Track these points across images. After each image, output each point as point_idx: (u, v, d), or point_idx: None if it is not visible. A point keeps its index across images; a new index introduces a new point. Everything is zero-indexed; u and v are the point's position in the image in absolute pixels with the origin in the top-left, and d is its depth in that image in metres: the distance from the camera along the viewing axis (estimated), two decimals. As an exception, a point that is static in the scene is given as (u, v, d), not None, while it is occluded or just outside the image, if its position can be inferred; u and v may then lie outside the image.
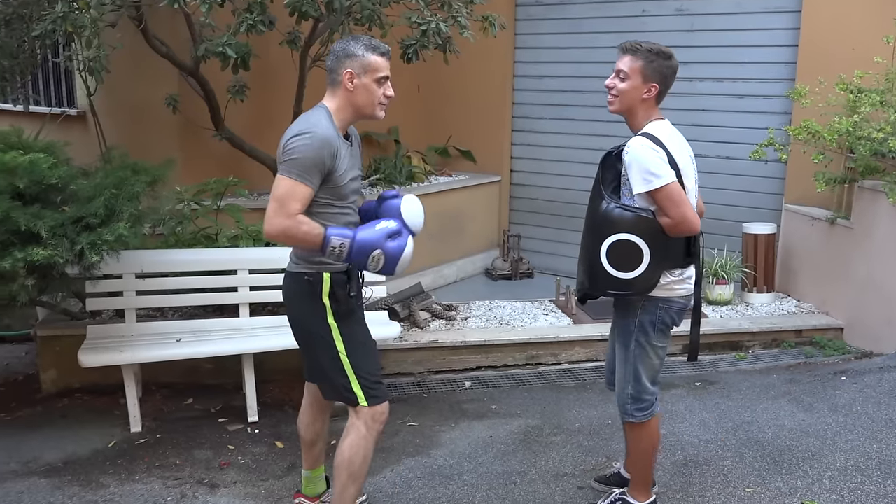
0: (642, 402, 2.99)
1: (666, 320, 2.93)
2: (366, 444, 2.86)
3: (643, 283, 2.82)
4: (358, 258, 2.69)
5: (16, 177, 3.84)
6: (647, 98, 2.88)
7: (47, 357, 4.84)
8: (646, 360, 2.96)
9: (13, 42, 5.15)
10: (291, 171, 2.66)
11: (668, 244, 2.81)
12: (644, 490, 3.13)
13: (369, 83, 2.79)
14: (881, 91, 5.15)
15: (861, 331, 5.33)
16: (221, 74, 5.17)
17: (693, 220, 2.79)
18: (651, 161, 2.76)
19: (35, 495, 3.60)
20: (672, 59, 2.88)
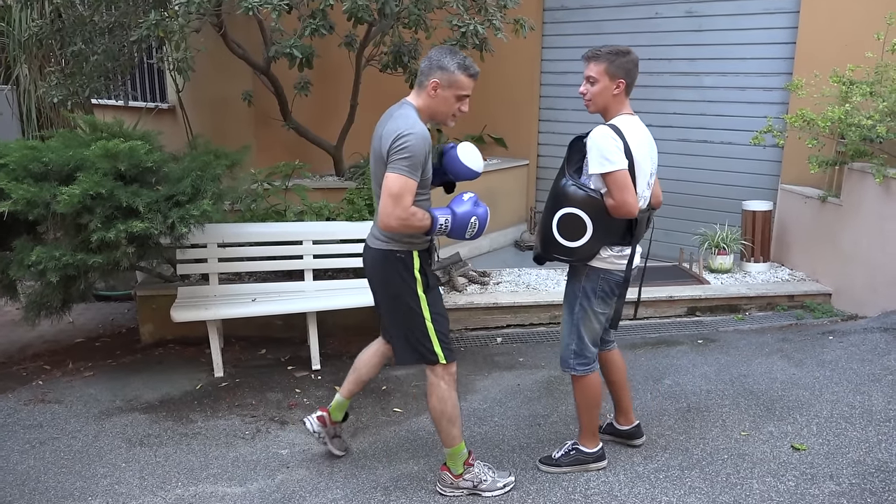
0: (583, 357, 2.99)
1: (605, 289, 2.91)
2: (449, 394, 2.89)
3: (584, 253, 2.82)
4: (458, 229, 2.73)
5: (118, 161, 3.90)
6: (618, 93, 2.83)
7: (145, 313, 4.95)
8: (587, 321, 2.95)
9: (115, 47, 5.21)
10: (403, 168, 2.60)
11: (611, 223, 2.78)
12: (592, 438, 3.11)
13: (450, 96, 2.73)
14: (871, 83, 4.98)
15: (847, 296, 5.20)
16: (289, 73, 5.17)
17: (632, 206, 2.73)
18: (607, 147, 2.72)
19: (137, 427, 3.71)
20: (630, 55, 2.83)
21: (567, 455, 3.13)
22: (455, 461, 2.95)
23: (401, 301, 2.84)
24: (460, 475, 2.95)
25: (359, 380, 3.23)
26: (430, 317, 2.85)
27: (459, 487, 2.95)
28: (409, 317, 2.84)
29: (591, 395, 3.04)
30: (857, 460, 3.06)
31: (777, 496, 2.85)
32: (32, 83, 5.75)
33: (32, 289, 4.35)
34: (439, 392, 2.88)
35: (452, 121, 2.82)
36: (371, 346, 3.23)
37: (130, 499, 3.05)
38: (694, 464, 3.13)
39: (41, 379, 4.38)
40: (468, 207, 2.76)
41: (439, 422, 2.90)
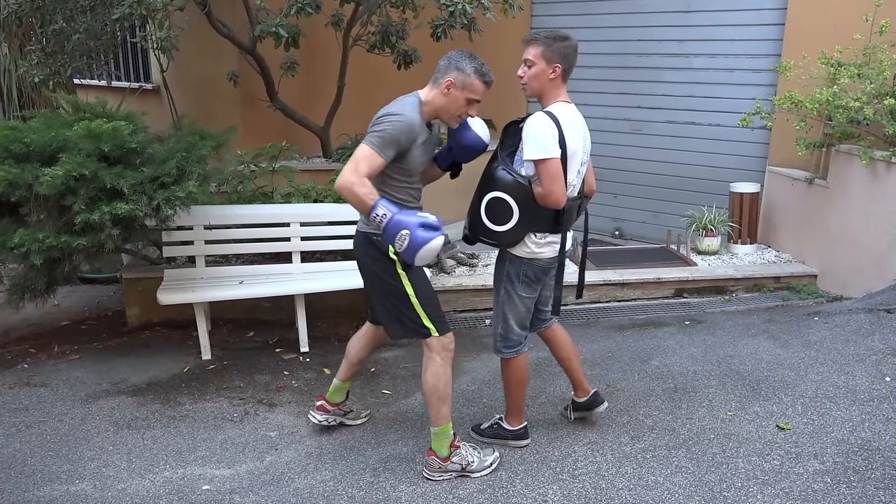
0: (509, 340, 3.03)
1: (529, 274, 2.93)
2: (444, 370, 2.90)
3: (509, 238, 2.83)
4: (390, 232, 2.64)
5: (101, 142, 3.84)
6: (554, 78, 2.81)
7: (131, 296, 4.91)
8: (511, 305, 2.98)
9: (97, 25, 5.12)
10: (374, 141, 2.66)
11: (537, 210, 2.78)
12: (516, 416, 3.16)
13: (460, 98, 2.78)
14: (859, 65, 4.99)
15: (832, 278, 5.24)
16: (275, 52, 5.12)
17: (559, 196, 2.73)
18: (543, 135, 2.71)
19: (124, 411, 3.69)
20: (568, 40, 2.81)
21: (490, 427, 3.23)
22: (441, 442, 2.96)
23: (382, 280, 2.88)
24: (447, 458, 2.96)
25: (350, 365, 3.31)
26: (414, 291, 2.86)
27: (448, 471, 2.97)
28: (392, 294, 2.88)
29: (517, 376, 3.09)
30: (841, 439, 3.10)
31: (762, 475, 2.89)
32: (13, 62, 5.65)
33: (16, 271, 4.30)
34: (434, 367, 2.90)
35: (457, 122, 2.86)
36: (360, 333, 3.29)
37: (118, 482, 3.04)
38: (680, 443, 3.16)
39: (26, 362, 4.35)
40: (408, 221, 2.60)
41: (430, 398, 2.92)
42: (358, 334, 3.30)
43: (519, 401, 3.14)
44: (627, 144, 6.94)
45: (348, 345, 3.32)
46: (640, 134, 6.85)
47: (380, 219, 2.64)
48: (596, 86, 7.00)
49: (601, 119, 7.01)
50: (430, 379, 2.90)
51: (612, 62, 6.88)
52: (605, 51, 6.91)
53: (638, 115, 6.83)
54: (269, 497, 2.90)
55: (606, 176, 7.07)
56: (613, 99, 6.92)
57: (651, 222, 6.91)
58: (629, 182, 6.96)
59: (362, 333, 3.29)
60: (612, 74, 6.89)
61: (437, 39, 4.91)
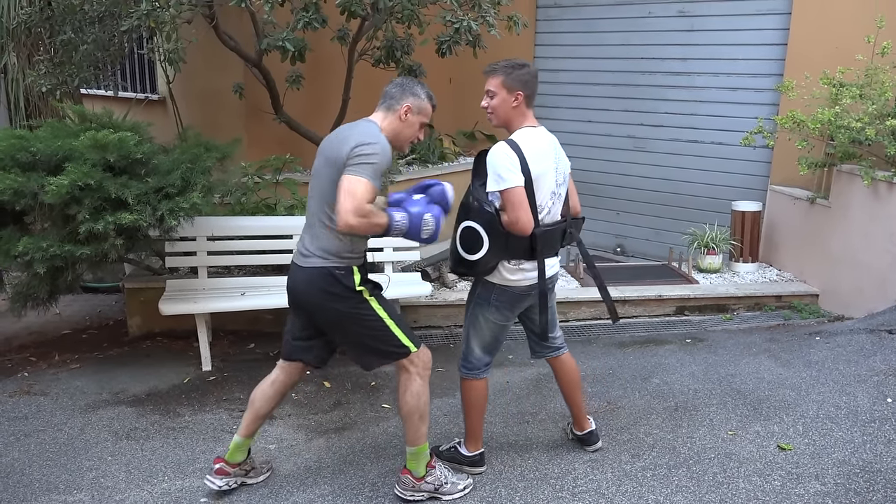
0: (468, 362, 2.99)
1: (502, 299, 2.88)
2: (424, 389, 2.85)
3: (482, 266, 2.80)
4: (415, 228, 2.70)
5: (107, 152, 3.86)
6: (517, 105, 2.79)
7: (133, 306, 4.91)
8: (477, 326, 2.94)
9: (105, 36, 5.15)
10: (366, 172, 2.59)
11: (508, 238, 2.74)
12: (472, 441, 3.07)
13: (416, 122, 2.80)
14: (861, 85, 5.01)
15: (834, 297, 5.23)
16: (281, 66, 5.14)
17: (524, 224, 2.69)
18: (501, 165, 2.68)
19: (123, 421, 3.68)
20: (526, 67, 2.81)
21: (448, 450, 3.14)
22: (418, 462, 2.88)
23: (352, 316, 2.76)
24: (422, 478, 2.89)
25: (257, 415, 2.99)
26: (387, 314, 2.80)
27: (421, 490, 2.89)
28: (363, 325, 2.78)
29: (472, 399, 3.01)
30: (843, 460, 3.08)
31: (763, 496, 2.87)
32: (21, 72, 5.67)
33: (19, 279, 4.30)
34: (414, 387, 2.82)
35: (408, 147, 2.87)
36: (272, 378, 3.00)
37: (116, 492, 3.02)
38: (681, 462, 3.14)
39: (27, 370, 4.34)
40: (420, 207, 2.74)
41: (411, 418, 2.83)
42: (268, 380, 2.99)
43: (475, 426, 3.06)
44: (630, 162, 6.95)
45: (253, 394, 2.99)
46: (643, 151, 6.87)
47: (400, 225, 2.68)
48: (599, 103, 7.03)
49: (604, 136, 7.03)
50: (411, 399, 2.83)
51: (615, 80, 6.92)
52: (608, 68, 6.95)
53: (641, 132, 6.85)
54: (267, 510, 2.88)
55: (609, 193, 7.08)
56: (616, 116, 6.94)
57: (653, 239, 6.91)
58: (631, 199, 6.97)
59: (274, 378, 2.98)
60: (616, 92, 6.92)
61: (442, 55, 4.94)
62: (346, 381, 4.18)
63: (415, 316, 5.06)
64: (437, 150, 6.94)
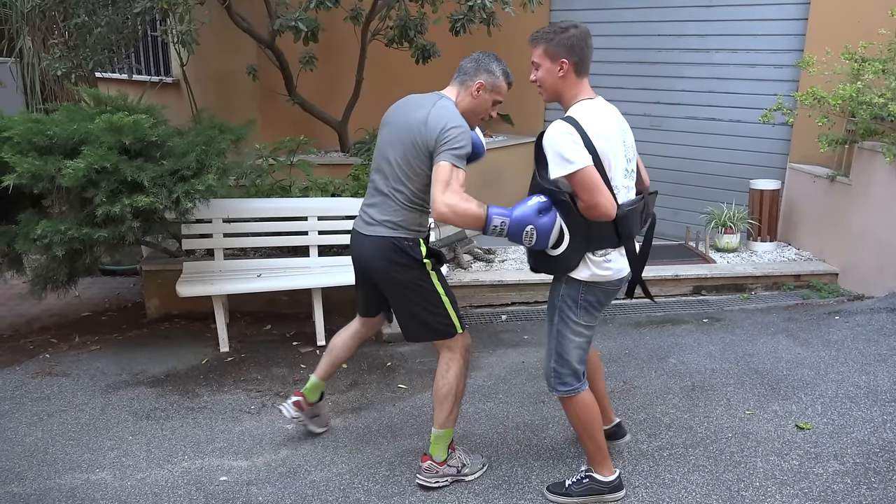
0: (562, 376, 2.66)
1: (589, 299, 2.58)
2: (464, 373, 2.88)
3: (566, 262, 2.52)
4: (514, 234, 2.50)
5: (123, 135, 3.87)
6: (563, 75, 2.50)
7: (151, 288, 4.96)
8: (567, 335, 2.62)
9: (119, 19, 5.16)
10: (455, 158, 2.56)
11: (590, 226, 2.45)
12: (602, 463, 2.73)
13: (488, 100, 2.76)
14: (883, 60, 4.90)
15: (854, 276, 5.17)
16: (294, 47, 5.13)
17: (605, 206, 2.38)
18: (564, 146, 2.38)
19: (143, 401, 3.73)
20: (570, 30, 2.48)
21: (579, 483, 2.75)
22: (442, 445, 2.87)
23: (413, 286, 2.79)
24: (444, 461, 2.87)
25: (333, 362, 3.18)
26: (444, 291, 2.84)
27: (444, 475, 2.88)
28: (422, 296, 2.80)
29: (584, 416, 2.67)
30: (862, 440, 3.06)
31: (781, 475, 2.86)
32: (36, 55, 5.70)
33: (38, 262, 4.35)
34: (457, 368, 2.83)
35: (480, 124, 2.84)
36: (348, 329, 3.17)
37: (137, 471, 3.07)
38: (698, 442, 3.14)
39: (48, 352, 4.40)
40: (527, 214, 2.47)
41: (446, 399, 2.81)
42: (345, 330, 3.16)
43: (599, 444, 2.70)
44: (647, 140, 6.86)
45: (332, 342, 3.18)
46: (660, 130, 6.78)
47: (500, 228, 2.51)
48: (615, 81, 6.94)
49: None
50: (453, 379, 2.82)
51: (631, 57, 6.82)
52: (624, 45, 6.85)
53: (658, 110, 6.76)
54: (285, 489, 2.91)
55: (624, 172, 7.01)
56: (633, 94, 6.85)
57: (670, 219, 6.84)
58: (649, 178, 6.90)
59: (351, 331, 3.15)
60: (632, 69, 6.82)
61: (456, 34, 4.90)
62: (363, 362, 4.20)
63: (430, 297, 5.07)
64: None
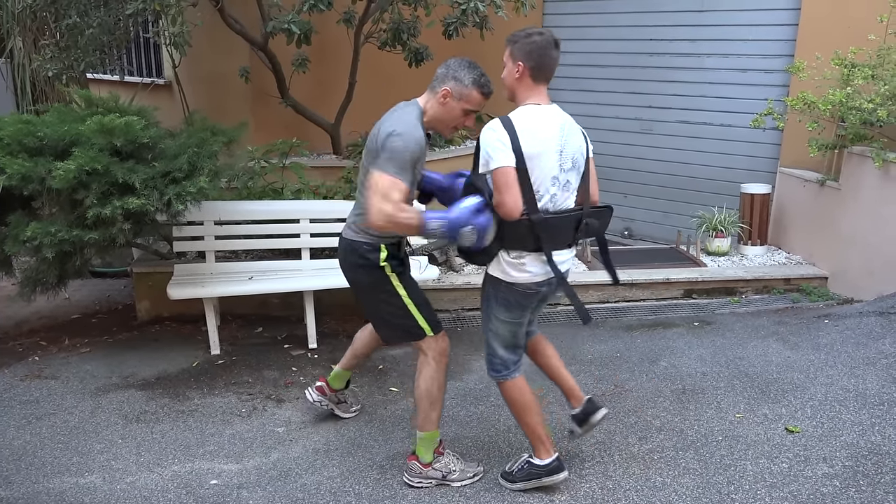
0: (493, 364, 2.82)
1: (508, 297, 2.70)
2: (438, 375, 2.84)
3: (482, 255, 2.66)
4: (452, 235, 2.56)
5: (114, 136, 3.86)
6: (519, 77, 2.59)
7: (141, 290, 4.93)
8: (492, 326, 2.78)
9: (110, 20, 5.13)
10: (390, 167, 2.56)
11: (509, 226, 2.55)
12: (541, 448, 2.82)
13: (457, 108, 2.70)
14: (873, 66, 4.94)
15: (844, 280, 5.21)
16: (286, 49, 5.12)
17: (509, 206, 2.49)
18: (489, 143, 2.52)
19: (133, 404, 3.71)
20: (533, 36, 2.58)
21: (521, 469, 2.88)
22: (427, 448, 2.89)
23: (374, 289, 2.84)
24: (429, 464, 2.90)
25: (354, 355, 3.35)
26: (407, 293, 2.83)
27: (429, 477, 2.90)
28: (384, 300, 2.83)
29: (517, 400, 2.81)
30: (851, 443, 3.08)
31: (770, 477, 2.87)
32: (27, 56, 5.67)
33: (28, 264, 4.32)
34: (428, 371, 2.84)
35: (452, 133, 2.81)
36: (368, 329, 3.29)
37: (127, 475, 3.06)
38: (688, 445, 3.15)
39: (37, 354, 4.37)
40: (464, 215, 2.55)
41: (422, 402, 2.85)
42: (366, 326, 3.29)
43: (535, 429, 2.81)
44: (638, 144, 6.91)
45: (356, 335, 3.34)
46: (651, 134, 6.82)
47: (438, 230, 2.56)
48: (607, 85, 6.97)
49: (612, 118, 6.98)
50: (423, 384, 2.83)
51: (623, 61, 6.85)
52: (616, 50, 6.88)
53: (649, 114, 6.79)
54: (276, 492, 2.90)
55: (616, 175, 7.04)
56: (624, 98, 6.89)
57: (661, 222, 6.87)
58: (639, 182, 6.93)
59: (370, 331, 3.26)
60: (624, 73, 6.86)
61: (449, 37, 4.91)
62: (354, 365, 4.19)
63: (422, 300, 5.06)
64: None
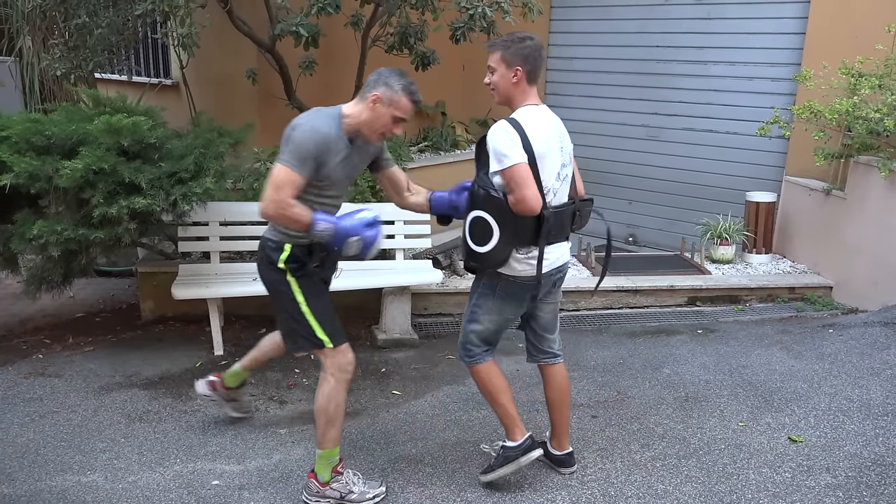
0: (467, 349, 2.88)
1: (507, 290, 2.75)
2: (336, 394, 2.77)
3: (494, 258, 2.67)
4: (339, 241, 2.67)
5: (121, 136, 3.87)
6: (517, 82, 2.66)
7: (146, 290, 4.94)
8: (479, 318, 2.83)
9: (119, 20, 5.15)
10: (285, 159, 2.61)
11: (518, 223, 2.61)
12: (512, 429, 2.88)
13: (386, 114, 2.68)
14: (880, 75, 4.94)
15: (848, 290, 5.19)
16: (294, 51, 5.14)
17: (531, 202, 2.56)
18: (502, 143, 2.57)
19: (136, 404, 3.71)
20: (526, 41, 2.65)
21: (498, 456, 2.92)
22: (324, 467, 2.83)
23: (276, 289, 2.83)
24: (327, 483, 2.83)
25: (258, 357, 3.31)
26: (305, 300, 2.78)
27: (325, 497, 2.83)
28: (284, 302, 2.81)
29: (488, 383, 2.88)
30: (854, 453, 3.06)
31: (773, 487, 2.86)
32: (35, 55, 5.70)
33: (33, 262, 4.34)
34: (326, 388, 2.77)
35: (379, 139, 2.78)
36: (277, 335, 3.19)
37: (129, 474, 3.06)
38: (691, 453, 3.14)
39: (41, 353, 4.38)
40: (353, 225, 2.68)
41: (318, 419, 2.79)
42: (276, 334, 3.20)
43: (506, 411, 2.88)
44: (644, 151, 6.90)
45: (264, 339, 3.27)
46: (657, 141, 6.81)
47: (325, 233, 2.64)
48: (614, 91, 6.98)
49: (618, 125, 6.98)
50: (321, 399, 2.77)
51: (630, 68, 6.85)
52: (623, 56, 6.89)
53: (655, 121, 6.79)
54: (277, 494, 2.90)
55: (622, 182, 7.04)
56: (631, 105, 6.89)
57: (665, 229, 6.87)
58: (644, 189, 6.93)
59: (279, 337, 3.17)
60: (631, 80, 6.86)
61: (456, 42, 4.92)
62: (357, 367, 4.17)
63: (425, 303, 5.07)
64: (450, 137, 6.93)
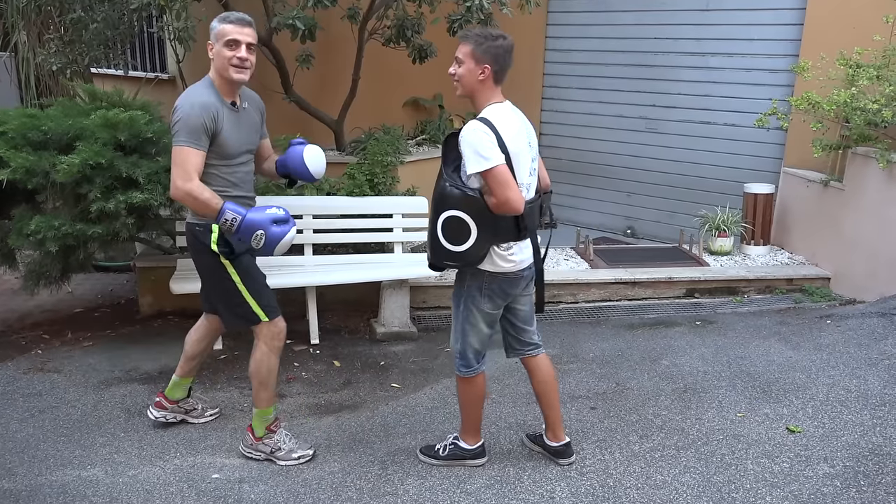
0: (466, 360, 2.88)
1: (493, 288, 2.76)
2: (268, 359, 2.99)
3: (472, 256, 2.67)
4: (244, 234, 2.72)
5: (118, 131, 3.87)
6: (483, 79, 2.64)
7: (144, 285, 4.95)
8: (472, 321, 2.82)
9: (115, 14, 5.14)
10: (181, 139, 2.68)
11: (497, 221, 2.62)
12: (471, 434, 3.02)
13: (221, 49, 2.79)
14: (878, 66, 4.94)
15: (846, 281, 5.21)
16: (290, 45, 5.12)
17: (515, 202, 2.57)
18: (481, 144, 2.55)
19: (135, 398, 3.72)
20: (499, 40, 2.64)
21: (445, 448, 3.05)
22: (259, 423, 3.06)
23: (211, 271, 2.92)
24: (260, 439, 3.07)
25: (190, 359, 3.32)
26: (241, 279, 2.89)
27: (257, 450, 3.08)
28: (220, 284, 2.92)
29: (473, 395, 2.95)
30: (852, 443, 3.08)
31: (771, 477, 2.88)
32: (31, 50, 5.68)
33: (31, 258, 4.34)
34: (258, 354, 2.99)
35: (236, 72, 2.81)
36: (197, 325, 3.29)
37: (129, 468, 3.07)
38: (689, 444, 3.15)
39: (40, 348, 4.39)
40: (260, 219, 2.74)
41: (253, 380, 3.02)
42: (195, 327, 3.29)
43: (474, 417, 3.00)
44: (642, 143, 6.91)
45: (186, 338, 3.31)
46: (656, 133, 6.82)
47: (230, 223, 2.70)
48: (612, 83, 6.97)
49: (616, 117, 6.98)
50: (253, 364, 2.99)
51: (628, 60, 6.85)
52: (621, 48, 6.88)
53: (653, 113, 6.79)
54: (277, 487, 2.92)
55: (620, 174, 7.04)
56: (629, 97, 6.89)
57: (664, 221, 6.88)
58: (643, 181, 6.93)
59: (199, 325, 3.28)
60: (628, 72, 6.85)
61: (454, 34, 4.90)
62: (356, 361, 4.20)
63: (424, 296, 5.07)
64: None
